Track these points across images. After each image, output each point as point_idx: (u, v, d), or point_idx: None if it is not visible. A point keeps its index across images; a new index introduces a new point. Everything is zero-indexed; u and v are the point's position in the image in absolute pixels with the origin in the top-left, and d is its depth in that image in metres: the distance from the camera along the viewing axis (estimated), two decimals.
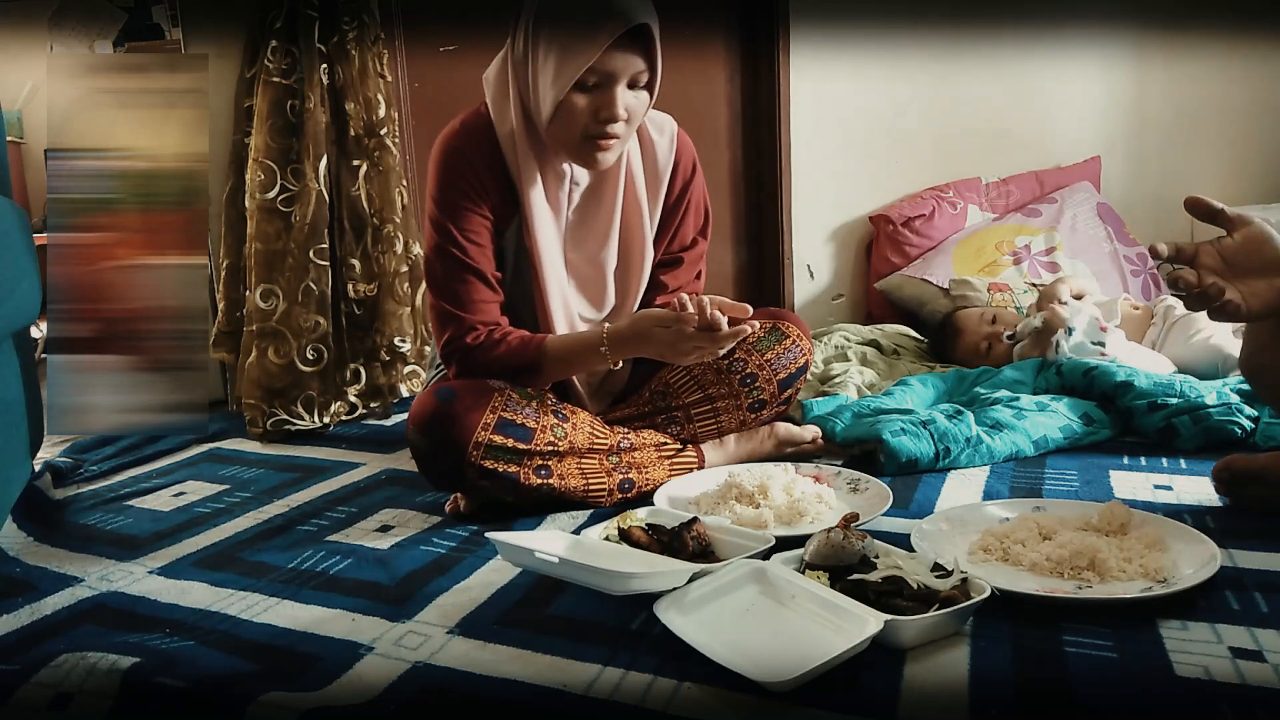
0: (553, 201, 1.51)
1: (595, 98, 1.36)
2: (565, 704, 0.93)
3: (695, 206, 1.64)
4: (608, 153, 1.41)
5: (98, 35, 2.20)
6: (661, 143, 1.57)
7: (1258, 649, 0.96)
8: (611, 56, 1.32)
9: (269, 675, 1.00)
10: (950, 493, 1.48)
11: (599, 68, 1.33)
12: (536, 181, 1.48)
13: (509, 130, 1.46)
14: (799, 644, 0.99)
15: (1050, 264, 2.72)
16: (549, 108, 1.38)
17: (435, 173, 1.48)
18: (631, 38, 1.32)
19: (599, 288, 1.58)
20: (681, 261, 1.65)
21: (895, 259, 2.78)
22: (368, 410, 2.18)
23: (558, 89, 1.35)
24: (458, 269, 1.46)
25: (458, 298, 1.46)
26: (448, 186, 1.46)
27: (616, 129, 1.38)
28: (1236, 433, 1.60)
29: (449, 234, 1.46)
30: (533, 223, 1.48)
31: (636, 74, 1.36)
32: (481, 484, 1.41)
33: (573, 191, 1.52)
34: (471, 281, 1.46)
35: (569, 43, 1.33)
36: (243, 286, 2.15)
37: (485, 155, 1.46)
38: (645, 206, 1.57)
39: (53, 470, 1.78)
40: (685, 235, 1.64)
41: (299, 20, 2.10)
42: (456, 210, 1.46)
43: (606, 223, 1.54)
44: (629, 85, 1.37)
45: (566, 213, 1.53)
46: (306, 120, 2.09)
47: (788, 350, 1.61)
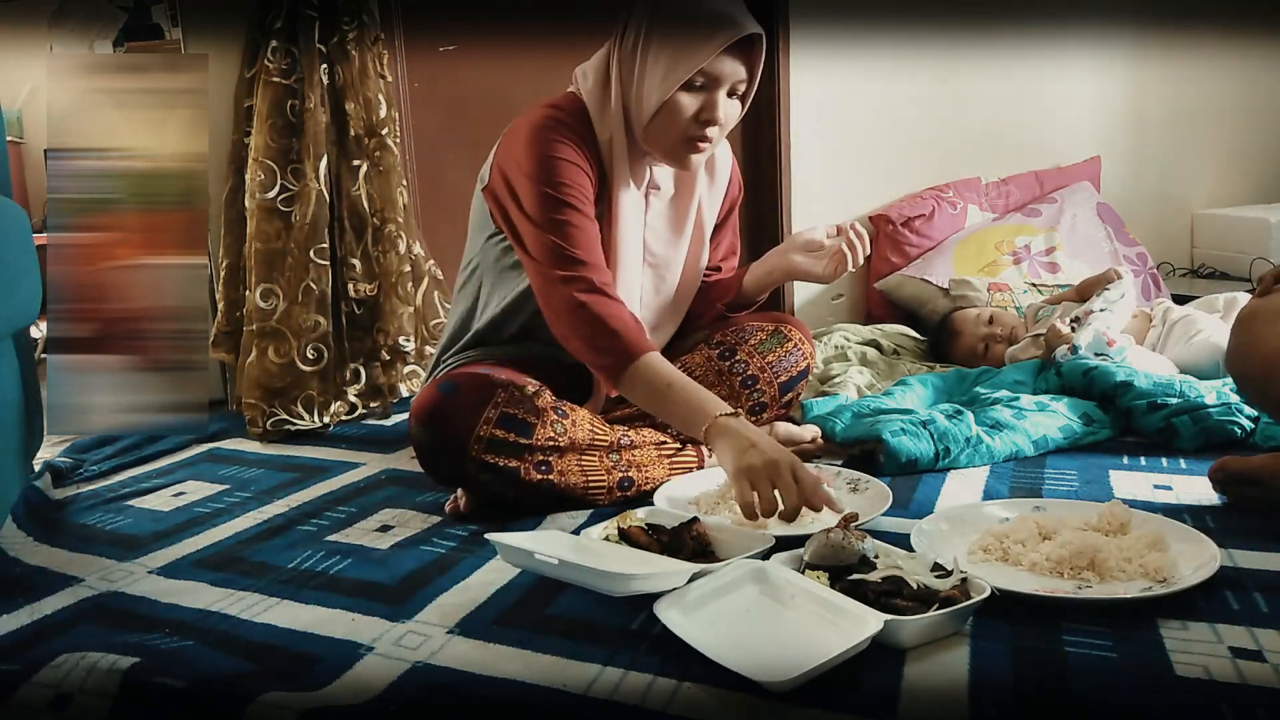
0: (635, 202, 1.53)
1: (699, 99, 1.40)
2: (565, 704, 0.93)
3: (735, 224, 1.74)
4: (699, 155, 1.45)
5: (97, 35, 2.20)
6: (722, 158, 1.64)
7: (1258, 649, 0.96)
8: (721, 61, 1.38)
9: (269, 675, 1.00)
10: (950, 493, 1.48)
11: (708, 70, 1.38)
12: (626, 179, 1.50)
13: (606, 123, 1.47)
14: (799, 644, 0.99)
15: (1050, 264, 2.72)
16: (653, 105, 1.41)
17: (536, 136, 1.42)
18: (739, 47, 1.38)
19: (668, 285, 1.62)
20: (719, 269, 1.73)
21: (895, 259, 2.78)
22: (368, 410, 2.18)
23: (666, 87, 1.39)
24: (566, 209, 1.40)
25: (569, 235, 1.39)
26: (552, 145, 1.41)
27: (712, 133, 1.42)
28: (1236, 433, 1.60)
29: (552, 180, 1.40)
30: (618, 218, 1.50)
31: (738, 82, 1.42)
32: (482, 478, 1.41)
33: (650, 194, 1.55)
34: (580, 221, 1.41)
35: (684, 44, 1.37)
36: (243, 286, 2.15)
37: (586, 133, 1.47)
38: (707, 216, 1.63)
39: (53, 470, 1.78)
40: (722, 249, 1.73)
41: (299, 20, 2.10)
42: (562, 165, 1.41)
43: (682, 225, 1.60)
44: (729, 93, 1.42)
45: (645, 216, 1.55)
46: (306, 120, 2.09)
47: (789, 353, 1.61)
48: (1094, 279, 2.23)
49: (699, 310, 1.68)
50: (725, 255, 1.74)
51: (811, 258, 1.56)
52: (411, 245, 2.23)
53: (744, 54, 1.40)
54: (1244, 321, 1.29)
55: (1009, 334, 2.24)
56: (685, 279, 1.65)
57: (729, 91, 1.42)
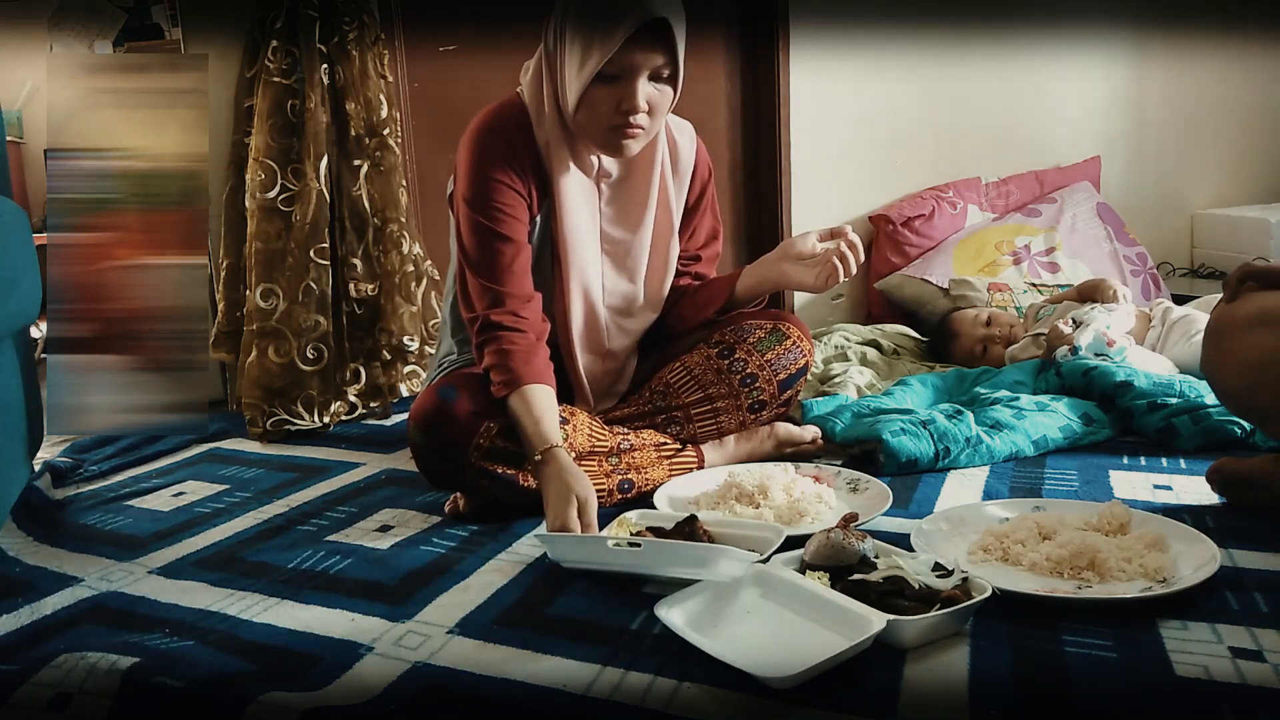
0: (584, 191, 1.52)
1: (617, 89, 1.38)
2: (565, 704, 0.93)
3: (711, 207, 1.70)
4: (631, 141, 1.43)
5: (98, 35, 2.20)
6: (684, 143, 1.62)
7: (1258, 649, 0.96)
8: (632, 49, 1.35)
9: (269, 675, 1.00)
10: (950, 493, 1.48)
11: (619, 60, 1.36)
12: (569, 170, 1.49)
13: (543, 119, 1.48)
14: (800, 643, 0.99)
15: (1050, 264, 2.72)
16: (574, 97, 1.40)
17: (470, 150, 1.47)
18: (653, 31, 1.35)
19: (633, 272, 1.61)
20: (699, 259, 1.70)
21: (895, 259, 2.78)
22: (368, 410, 2.18)
23: (581, 80, 1.38)
24: (493, 239, 1.45)
25: (493, 268, 1.45)
26: (483, 163, 1.46)
27: (639, 120, 1.40)
28: (1236, 433, 1.60)
29: (484, 206, 1.45)
30: (563, 210, 1.50)
31: (657, 67, 1.38)
32: (481, 484, 1.41)
33: (601, 182, 1.54)
34: (506, 251, 1.45)
35: (592, 35, 1.36)
36: (243, 286, 2.15)
37: (520, 138, 1.48)
38: (673, 201, 1.61)
39: (53, 470, 1.78)
40: (702, 235, 1.70)
41: (299, 20, 2.10)
42: (492, 185, 1.45)
43: (640, 210, 1.58)
44: (651, 78, 1.39)
45: (599, 204, 1.55)
46: (307, 120, 2.09)
47: (788, 351, 1.61)
48: (1094, 284, 2.22)
49: (690, 315, 1.67)
50: (706, 241, 1.71)
51: (804, 267, 1.54)
52: (413, 245, 2.23)
53: (660, 37, 1.36)
54: (1214, 334, 1.26)
55: (1007, 334, 2.24)
56: (655, 265, 1.63)
57: (652, 76, 1.39)
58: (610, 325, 1.60)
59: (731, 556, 1.08)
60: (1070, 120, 3.03)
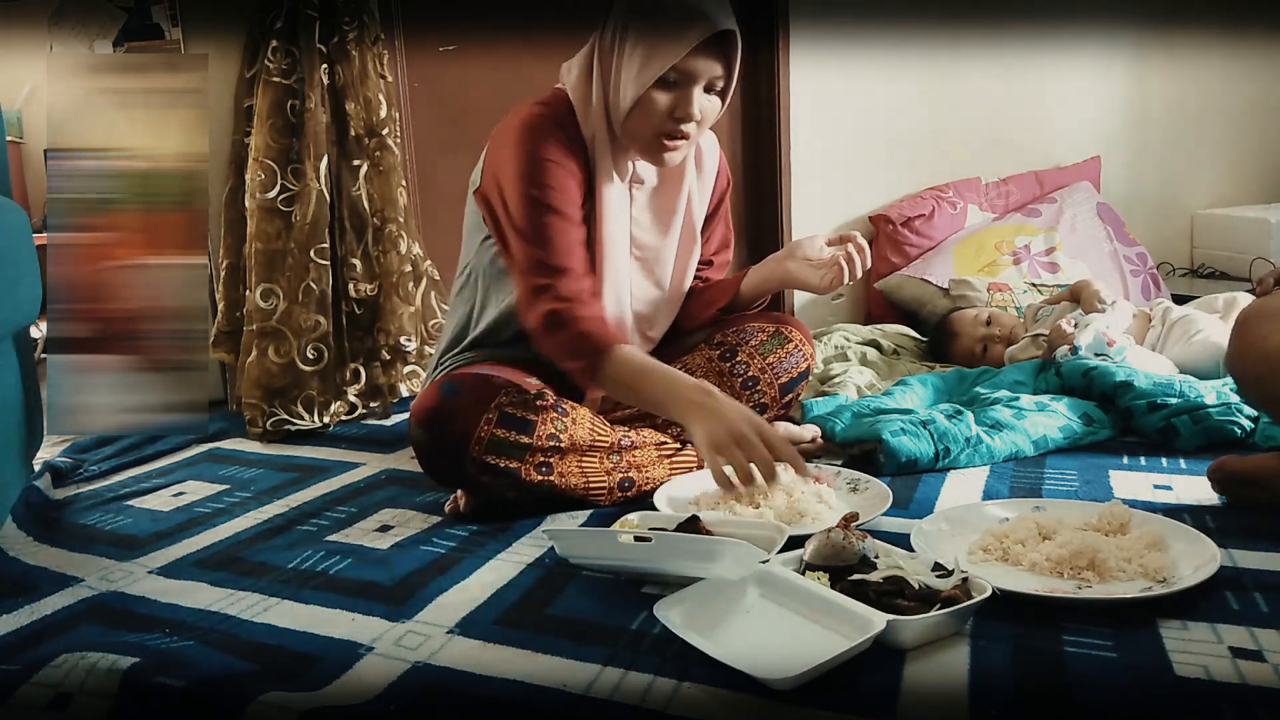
0: (619, 196, 1.53)
1: (674, 95, 1.39)
2: (565, 704, 0.93)
3: (725, 217, 1.72)
4: (676, 152, 1.45)
5: (97, 35, 2.20)
6: (709, 151, 1.64)
7: (1258, 649, 0.96)
8: (694, 58, 1.36)
9: (269, 675, 1.00)
10: (950, 493, 1.48)
11: (681, 67, 1.37)
12: (611, 173, 1.50)
13: (589, 118, 1.48)
14: (800, 644, 0.99)
15: (1050, 264, 2.72)
16: (629, 101, 1.41)
17: (522, 137, 1.44)
18: (714, 43, 1.37)
19: (660, 278, 1.62)
20: (711, 264, 1.72)
21: (895, 259, 2.78)
22: (368, 410, 2.18)
23: (640, 83, 1.39)
24: (545, 212, 1.42)
25: (549, 242, 1.41)
26: (537, 145, 1.43)
27: (689, 129, 1.42)
28: (1236, 433, 1.60)
29: (539, 182, 1.42)
30: (603, 212, 1.50)
31: (714, 78, 1.40)
32: (483, 480, 1.41)
33: (634, 188, 1.55)
34: (558, 225, 1.43)
35: (657, 40, 1.37)
36: (243, 286, 2.15)
37: (568, 130, 1.47)
38: (696, 208, 1.62)
39: (53, 470, 1.78)
40: (715, 242, 1.72)
41: (299, 20, 2.10)
42: (548, 164, 1.43)
43: (670, 217, 1.59)
44: (705, 89, 1.41)
45: (630, 209, 1.55)
46: (307, 120, 2.09)
47: (790, 355, 1.61)
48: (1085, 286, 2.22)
49: (696, 312, 1.67)
50: (718, 249, 1.73)
51: (809, 267, 1.55)
52: (411, 245, 2.23)
53: (720, 50, 1.38)
54: (1244, 322, 1.29)
55: (1007, 334, 2.24)
56: (678, 272, 1.64)
57: (706, 87, 1.41)
58: (632, 330, 1.61)
59: (744, 549, 1.08)
60: (1070, 120, 3.03)
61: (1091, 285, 2.21)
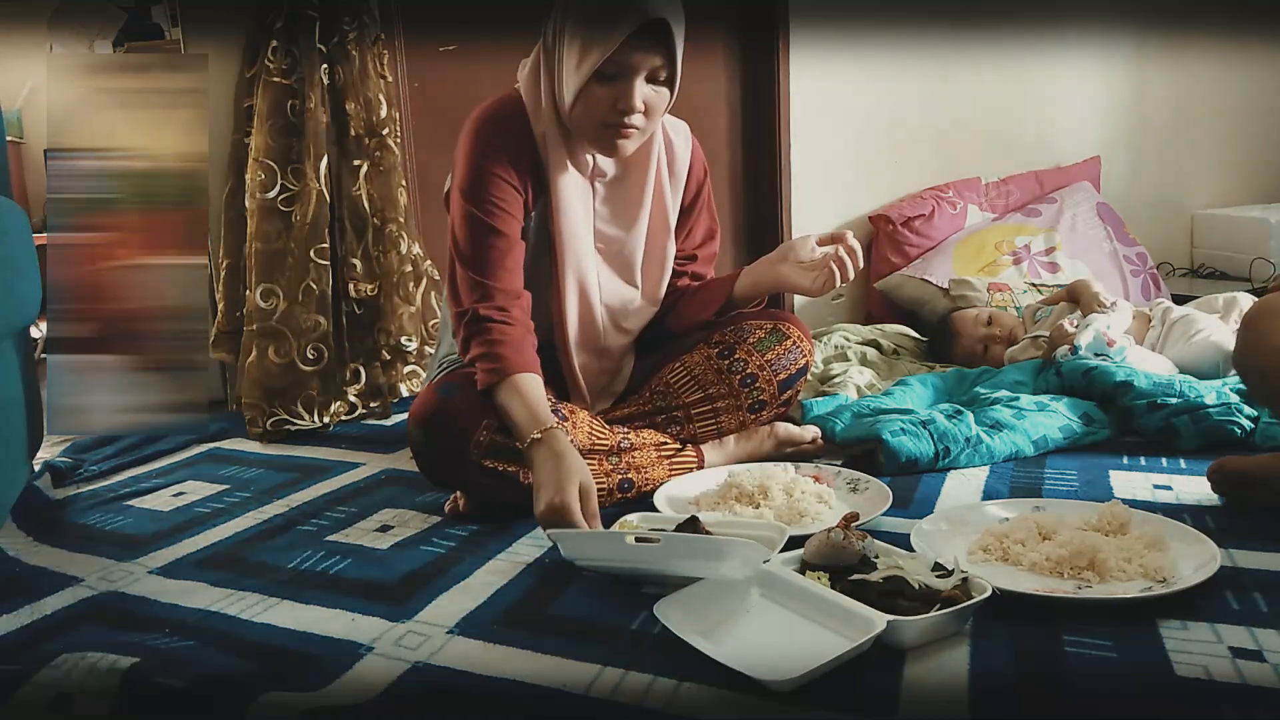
0: (579, 189, 1.52)
1: (614, 88, 1.39)
2: (565, 704, 0.93)
3: (707, 208, 1.70)
4: (626, 141, 1.44)
5: (97, 35, 2.20)
6: (679, 143, 1.62)
7: (1258, 649, 0.96)
8: (630, 49, 1.35)
9: (269, 675, 1.00)
10: (950, 493, 1.48)
11: (617, 59, 1.36)
12: (566, 167, 1.50)
13: (540, 116, 1.48)
14: (800, 644, 0.99)
15: (1050, 264, 2.72)
16: (571, 95, 1.41)
17: (469, 143, 1.48)
18: (651, 33, 1.35)
19: (629, 271, 1.61)
20: (696, 258, 1.70)
21: (895, 259, 2.78)
22: (368, 410, 2.18)
23: (579, 78, 1.39)
24: (486, 233, 1.45)
25: (484, 263, 1.44)
26: (481, 155, 1.46)
27: (634, 120, 1.41)
28: (1236, 433, 1.60)
29: (479, 198, 1.45)
30: (559, 207, 1.50)
31: (655, 69, 1.39)
32: (482, 482, 1.41)
33: (595, 181, 1.54)
34: (498, 246, 1.45)
35: (591, 34, 1.36)
36: (243, 286, 2.14)
37: (518, 132, 1.48)
38: (669, 200, 1.61)
39: (53, 470, 1.78)
40: (698, 235, 1.70)
41: (299, 20, 2.10)
42: (489, 177, 1.45)
43: (635, 209, 1.58)
44: (648, 79, 1.40)
45: (594, 202, 1.55)
46: (307, 120, 2.09)
47: (788, 351, 1.61)
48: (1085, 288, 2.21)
49: (689, 315, 1.67)
50: (703, 241, 1.71)
51: (801, 270, 1.54)
52: (411, 246, 2.23)
53: (658, 40, 1.37)
54: (1253, 318, 1.29)
55: (1008, 334, 2.24)
56: (652, 265, 1.63)
57: (649, 78, 1.40)
58: (606, 324, 1.60)
59: (752, 549, 1.08)
60: (1070, 120, 3.03)
61: (1091, 286, 2.20)
